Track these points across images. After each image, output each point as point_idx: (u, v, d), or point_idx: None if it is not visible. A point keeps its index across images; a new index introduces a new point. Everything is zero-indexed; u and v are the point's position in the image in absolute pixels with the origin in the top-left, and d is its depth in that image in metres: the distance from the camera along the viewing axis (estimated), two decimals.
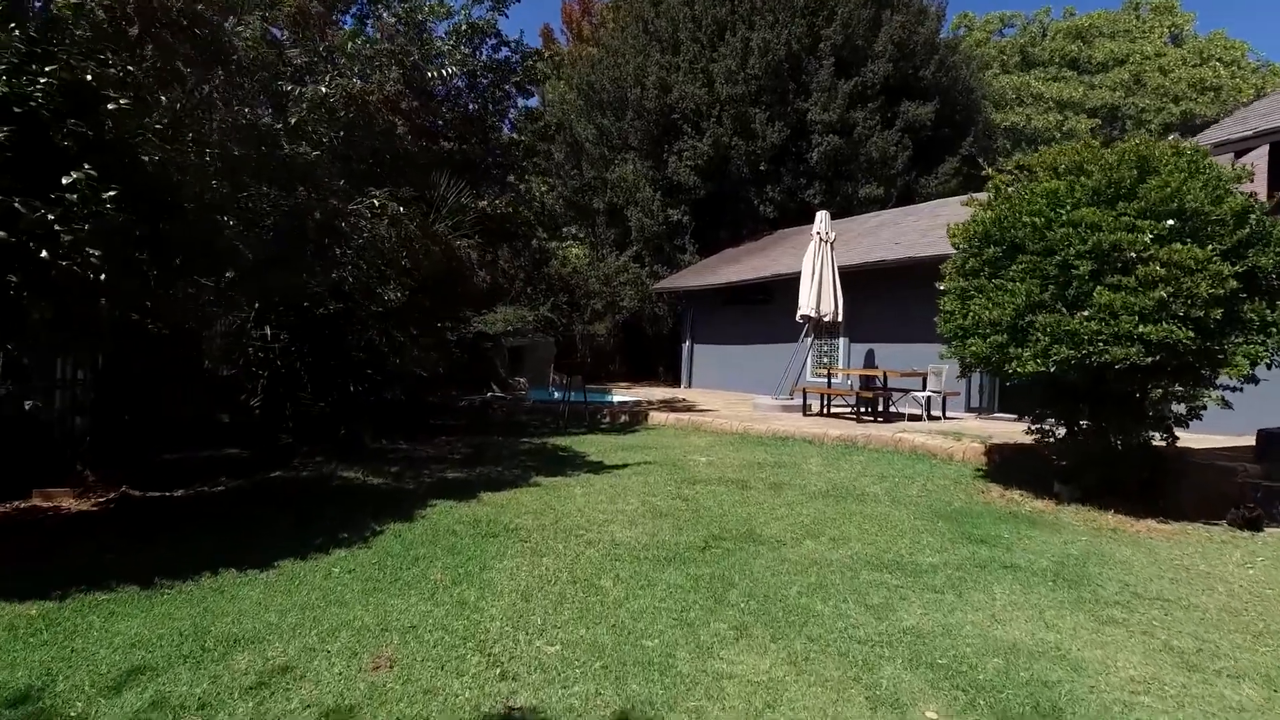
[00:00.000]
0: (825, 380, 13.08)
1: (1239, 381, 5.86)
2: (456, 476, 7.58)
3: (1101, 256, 5.79)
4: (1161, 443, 6.58)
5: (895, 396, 11.64)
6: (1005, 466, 7.78)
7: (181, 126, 5.60)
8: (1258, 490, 6.06)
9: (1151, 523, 6.01)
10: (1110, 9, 30.82)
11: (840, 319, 12.46)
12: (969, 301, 6.65)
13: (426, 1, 10.43)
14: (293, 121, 6.20)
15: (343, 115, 6.19)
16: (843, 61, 18.48)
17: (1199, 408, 6.42)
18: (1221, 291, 5.38)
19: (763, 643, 3.57)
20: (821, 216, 12.38)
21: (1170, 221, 5.70)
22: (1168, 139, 6.49)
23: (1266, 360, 5.73)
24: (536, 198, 17.28)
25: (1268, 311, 5.69)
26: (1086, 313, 5.82)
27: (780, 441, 9.64)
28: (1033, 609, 4.10)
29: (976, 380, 11.71)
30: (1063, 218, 6.04)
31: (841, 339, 14.38)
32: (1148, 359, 5.55)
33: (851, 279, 12.66)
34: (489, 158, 13.09)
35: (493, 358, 17.69)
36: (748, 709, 2.98)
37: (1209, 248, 5.55)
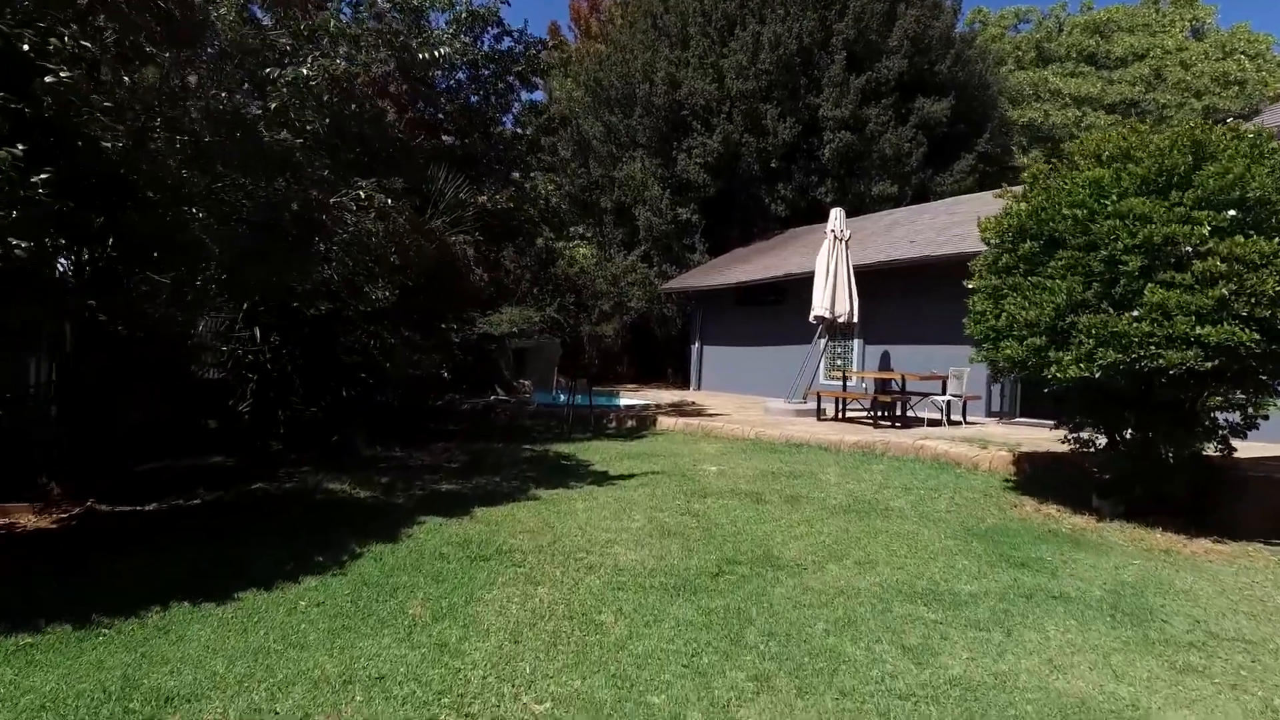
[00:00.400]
0: (840, 383, 12.60)
1: None
2: (450, 489, 7.09)
3: (1153, 251, 5.27)
4: (1216, 454, 6.05)
5: (913, 400, 11.14)
6: (1036, 477, 7.28)
7: (151, 110, 5.17)
8: None
9: (1206, 543, 5.48)
10: (1129, 3, 30.11)
11: (856, 320, 11.96)
12: (1002, 301, 6.15)
13: None
14: (272, 106, 5.74)
15: (326, 99, 5.74)
16: (855, 56, 18.02)
17: (1260, 417, 5.88)
18: None
19: (788, 699, 3.05)
20: (836, 214, 11.88)
21: (1231, 212, 5.18)
22: (1226, 121, 5.94)
23: None
24: (542, 194, 16.78)
25: None
26: (1136, 313, 5.31)
27: (795, 448, 9.15)
28: (1095, 652, 3.57)
29: (997, 383, 11.19)
30: (1108, 209, 5.53)
31: (856, 340, 13.89)
32: (1207, 364, 5.03)
33: (865, 279, 12.17)
34: (491, 152, 12.61)
35: (497, 359, 17.22)
36: None
37: (1276, 240, 5.03)
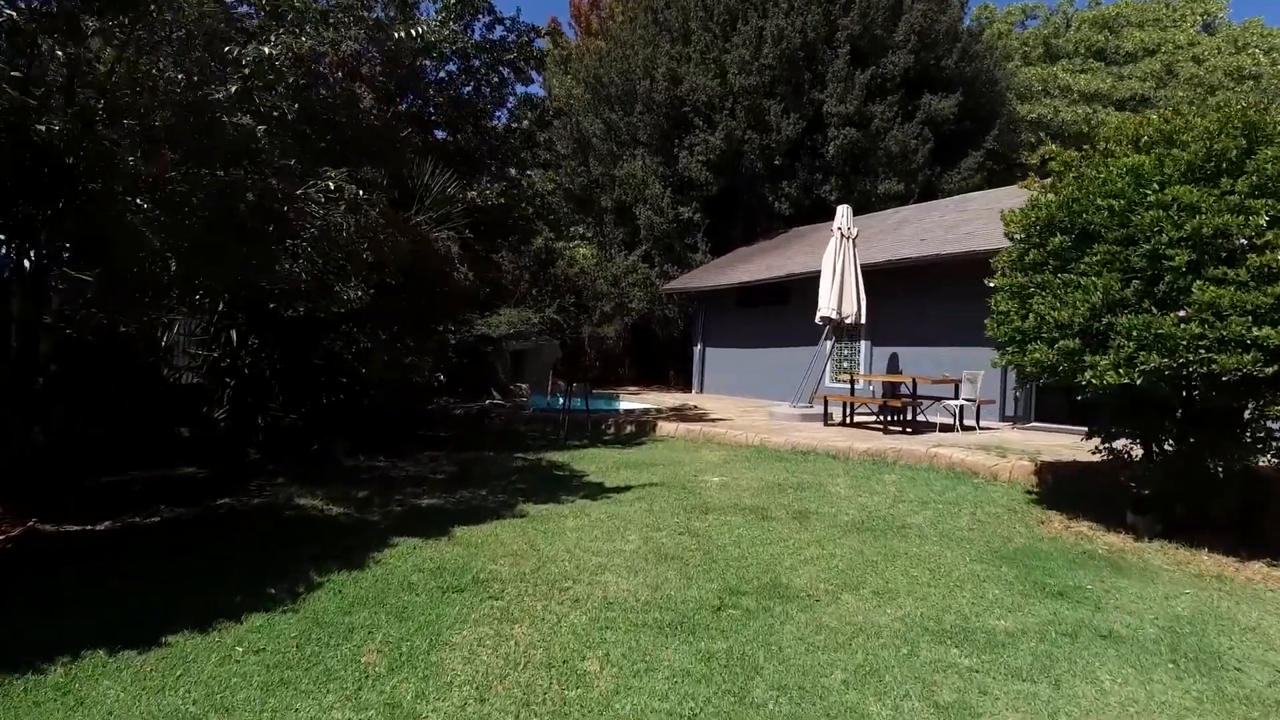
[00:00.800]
0: (848, 387, 12.08)
1: None
2: (432, 503, 6.57)
3: (1202, 244, 4.75)
4: (1270, 466, 5.52)
5: (924, 404, 10.63)
6: (1062, 489, 6.76)
7: (103, 91, 4.69)
8: None
9: (1261, 567, 4.96)
10: None
11: (863, 320, 11.46)
12: (1029, 300, 5.64)
13: None
14: (234, 90, 5.25)
15: (292, 81, 5.26)
16: (860, 51, 17.52)
17: None
18: None
19: None
20: (843, 211, 11.36)
21: None
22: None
23: None
24: (538, 191, 16.28)
25: None
26: (1183, 313, 4.79)
27: (801, 456, 8.63)
28: (1165, 713, 3.05)
29: (1011, 386, 10.68)
30: (1149, 198, 5.01)
31: (863, 342, 13.37)
32: (1267, 369, 4.51)
33: (872, 278, 11.68)
34: (484, 146, 12.09)
35: (493, 362, 16.74)
36: None
37: None
